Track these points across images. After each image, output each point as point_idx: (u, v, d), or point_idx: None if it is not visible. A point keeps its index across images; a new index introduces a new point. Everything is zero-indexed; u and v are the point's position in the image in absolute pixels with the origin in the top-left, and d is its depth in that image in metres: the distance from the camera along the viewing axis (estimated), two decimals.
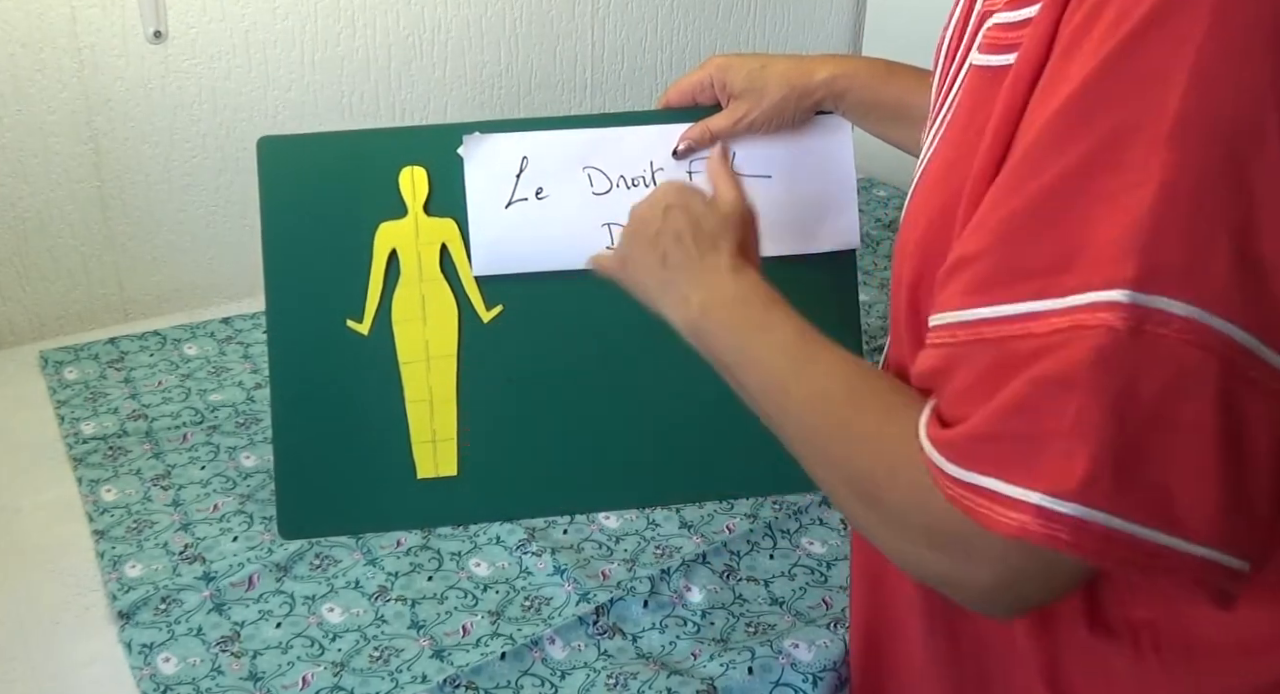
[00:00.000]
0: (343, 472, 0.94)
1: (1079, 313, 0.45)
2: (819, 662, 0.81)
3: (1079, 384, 0.44)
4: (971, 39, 0.61)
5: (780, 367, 0.65)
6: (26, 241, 1.24)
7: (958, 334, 0.50)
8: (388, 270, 0.94)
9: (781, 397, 0.64)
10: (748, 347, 0.68)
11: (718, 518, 0.98)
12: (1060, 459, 0.45)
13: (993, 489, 0.47)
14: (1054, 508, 0.45)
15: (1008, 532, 0.46)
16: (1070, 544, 0.45)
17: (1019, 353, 0.47)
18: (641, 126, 0.95)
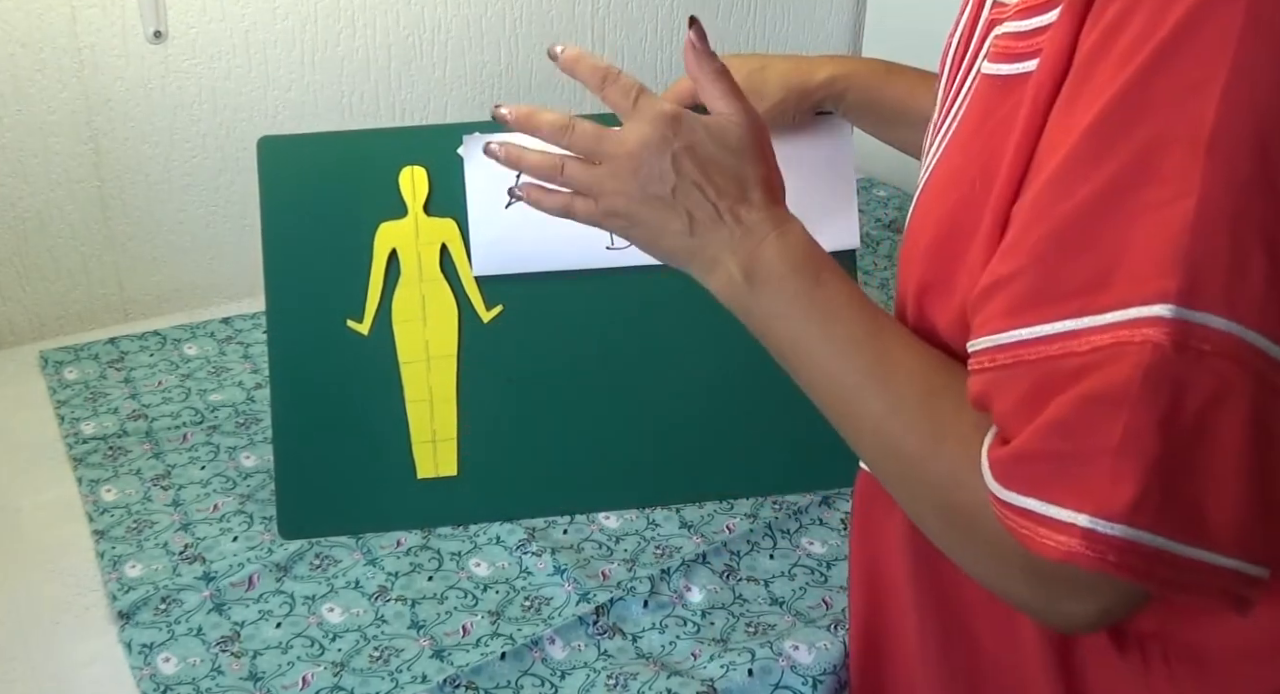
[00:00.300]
0: (343, 472, 0.94)
1: (1121, 329, 0.44)
2: (819, 664, 0.81)
3: (1125, 402, 0.44)
4: (979, 47, 0.61)
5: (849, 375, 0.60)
6: (26, 241, 1.24)
7: (997, 358, 0.50)
8: (388, 270, 0.94)
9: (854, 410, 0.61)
10: (806, 339, 0.62)
11: (718, 518, 0.98)
12: (1107, 479, 0.44)
13: (1039, 511, 0.47)
14: (1101, 530, 0.44)
15: (1054, 556, 0.46)
16: (1117, 566, 0.45)
17: (1061, 372, 0.46)
18: None
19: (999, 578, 0.54)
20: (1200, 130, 0.43)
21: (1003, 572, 0.53)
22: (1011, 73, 0.55)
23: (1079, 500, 0.45)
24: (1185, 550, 0.45)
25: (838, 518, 0.98)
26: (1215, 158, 0.43)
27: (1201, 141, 0.43)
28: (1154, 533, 0.44)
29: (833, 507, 0.99)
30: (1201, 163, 0.43)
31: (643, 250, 0.71)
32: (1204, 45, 0.44)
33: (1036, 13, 0.54)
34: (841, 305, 0.62)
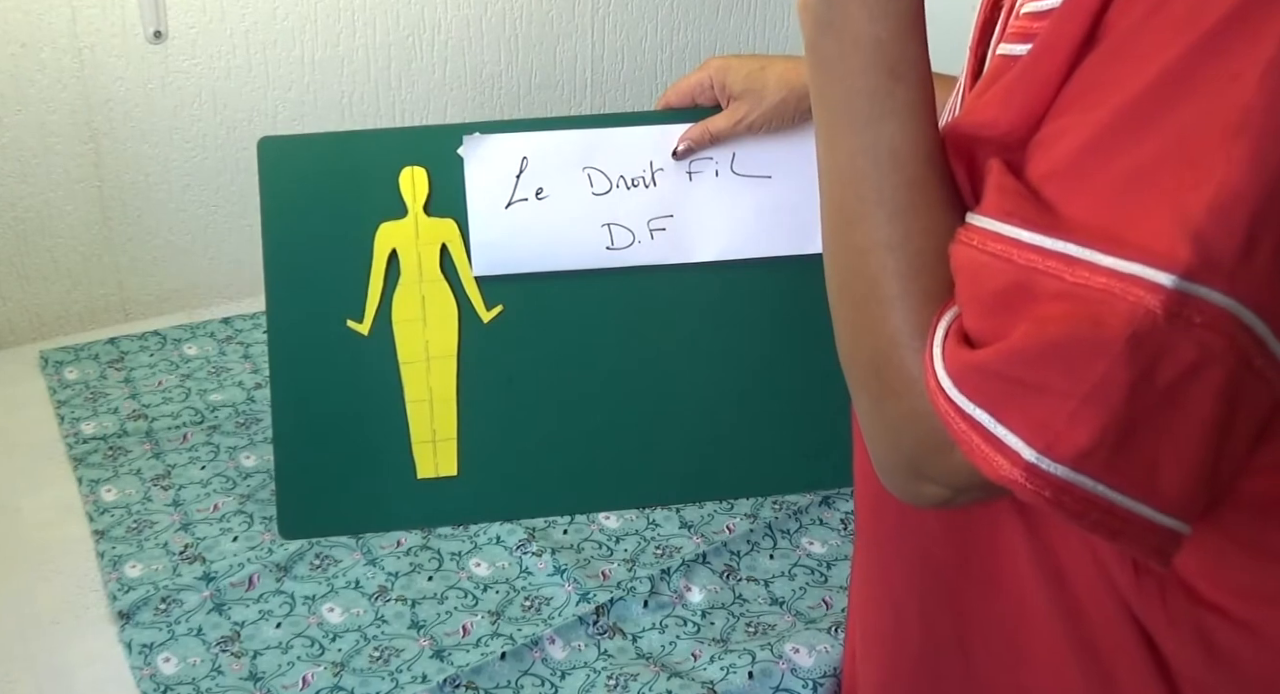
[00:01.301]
0: (343, 472, 0.94)
1: (1117, 279, 0.45)
2: (819, 667, 0.81)
3: (1105, 355, 0.44)
4: (1003, 30, 0.61)
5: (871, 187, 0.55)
6: (26, 241, 1.24)
7: (989, 244, 0.50)
8: (388, 270, 0.94)
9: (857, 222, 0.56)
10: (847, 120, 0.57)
11: (718, 518, 0.98)
12: (1065, 421, 0.45)
13: (987, 427, 0.48)
14: (1045, 467, 0.46)
15: (993, 476, 0.47)
16: (1051, 502, 0.46)
17: (1040, 289, 0.47)
18: (641, 127, 0.95)
19: (887, 442, 0.55)
20: (1232, 114, 0.44)
21: (895, 438, 0.54)
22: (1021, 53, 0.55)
23: (1031, 433, 0.46)
24: (1126, 501, 0.46)
25: (838, 518, 0.98)
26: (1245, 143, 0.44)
27: (1232, 125, 0.44)
28: (1096, 480, 0.45)
29: (833, 507, 0.99)
30: (1229, 146, 0.44)
31: None
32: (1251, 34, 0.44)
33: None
34: (902, 109, 0.56)
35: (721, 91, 0.94)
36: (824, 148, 0.58)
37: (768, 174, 0.96)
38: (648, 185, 0.95)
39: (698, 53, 1.65)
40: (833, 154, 0.58)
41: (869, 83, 0.56)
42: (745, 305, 0.98)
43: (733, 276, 0.97)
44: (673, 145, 0.95)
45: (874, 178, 0.55)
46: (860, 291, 0.56)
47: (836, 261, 0.59)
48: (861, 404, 0.58)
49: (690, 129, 0.95)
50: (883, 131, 0.55)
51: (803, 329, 0.98)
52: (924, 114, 0.56)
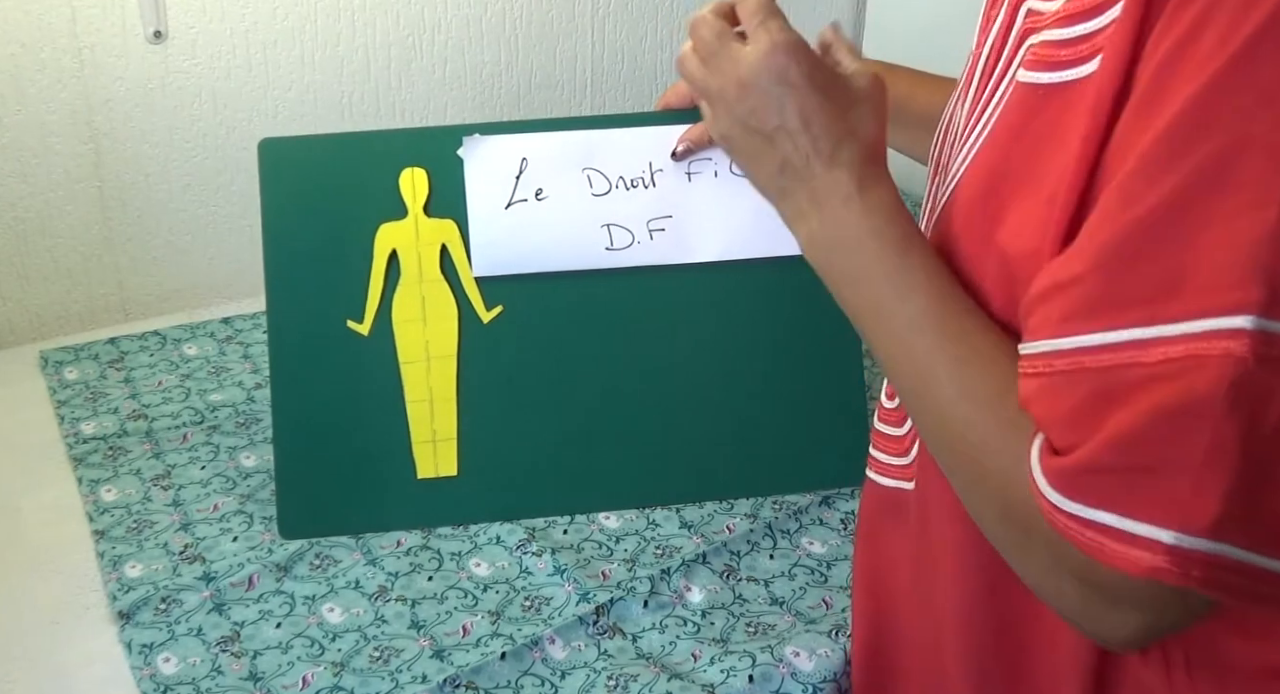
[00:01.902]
0: (343, 472, 0.95)
1: (1196, 341, 0.43)
2: (820, 672, 0.81)
3: (1209, 416, 0.43)
4: (1012, 56, 0.60)
5: (923, 353, 0.58)
6: (26, 241, 1.24)
7: (1054, 364, 0.49)
8: (388, 271, 0.94)
9: (924, 389, 0.58)
10: (881, 308, 0.60)
11: (718, 518, 0.98)
12: (1190, 493, 0.43)
13: (1113, 525, 0.45)
14: (1187, 546, 0.44)
15: (1136, 571, 0.45)
16: (1203, 581, 0.44)
17: (1125, 382, 0.45)
18: (640, 128, 0.95)
19: (1051, 583, 0.53)
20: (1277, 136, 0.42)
21: (1056, 576, 0.52)
22: (1053, 81, 0.54)
23: (1163, 516, 0.44)
24: (1264, 562, 0.44)
25: (838, 518, 0.98)
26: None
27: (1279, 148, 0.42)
28: (1238, 546, 0.44)
29: (833, 507, 0.99)
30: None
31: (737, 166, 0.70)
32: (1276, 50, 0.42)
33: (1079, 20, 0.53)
34: (923, 279, 0.59)
35: None
36: (874, 341, 0.62)
37: None
38: (647, 186, 0.95)
39: None
40: (882, 342, 0.61)
41: (885, 268, 0.60)
42: (745, 305, 0.98)
43: (732, 277, 0.97)
44: (672, 146, 0.95)
45: (922, 345, 0.58)
46: (956, 446, 0.56)
47: (927, 431, 0.60)
48: (1013, 557, 0.56)
49: (689, 130, 0.95)
50: (915, 303, 0.59)
51: (802, 329, 0.98)
52: (941, 278, 0.59)
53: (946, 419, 0.56)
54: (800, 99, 0.62)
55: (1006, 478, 0.52)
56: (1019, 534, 0.53)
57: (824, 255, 0.63)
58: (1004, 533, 0.55)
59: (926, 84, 0.91)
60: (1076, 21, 0.53)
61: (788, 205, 0.65)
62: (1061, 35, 0.54)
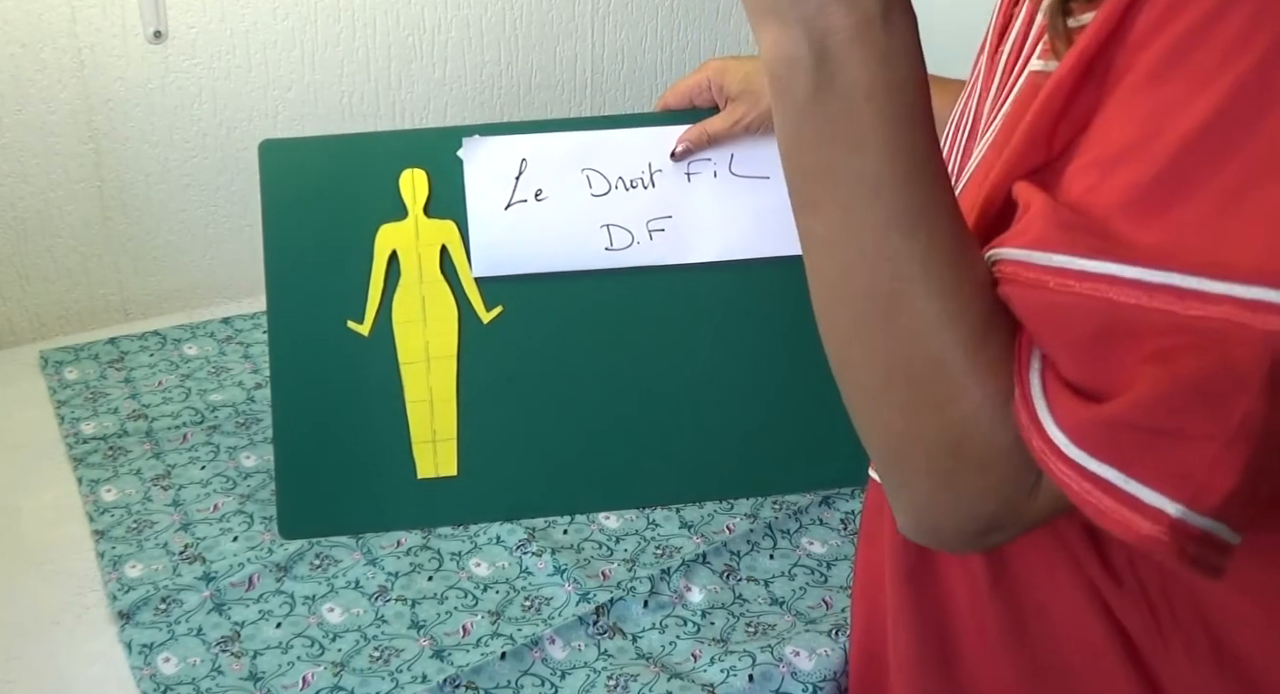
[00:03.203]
0: (343, 472, 0.95)
1: (1240, 308, 0.40)
2: (819, 671, 0.81)
3: (1247, 392, 0.41)
4: (1032, 49, 0.60)
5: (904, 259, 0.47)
6: (26, 241, 1.24)
7: (1071, 284, 0.44)
8: (388, 272, 0.94)
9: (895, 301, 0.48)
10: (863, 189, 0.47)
11: (718, 518, 0.98)
12: (1208, 467, 0.41)
13: (1115, 484, 0.43)
14: (1190, 521, 0.42)
15: (1132, 538, 0.43)
16: (1191, 559, 0.43)
17: (1148, 326, 0.42)
18: (639, 129, 0.95)
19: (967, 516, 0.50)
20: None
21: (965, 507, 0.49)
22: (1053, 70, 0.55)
23: (1173, 486, 0.42)
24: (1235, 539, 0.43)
25: (838, 518, 0.98)
26: None
27: None
28: (1230, 526, 0.42)
29: (833, 507, 0.99)
30: None
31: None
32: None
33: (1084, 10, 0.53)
34: (923, 162, 0.47)
35: (719, 93, 0.94)
36: (836, 231, 0.49)
37: (766, 174, 0.96)
38: (646, 186, 0.95)
39: (697, 53, 1.65)
40: (851, 236, 0.48)
41: (887, 140, 0.46)
42: (744, 305, 0.98)
43: (731, 277, 0.97)
44: (671, 147, 0.95)
45: (907, 249, 0.47)
46: (920, 375, 0.49)
47: (879, 355, 0.50)
48: (921, 487, 0.51)
49: (688, 130, 0.95)
50: (915, 194, 0.47)
51: (802, 329, 0.97)
52: (942, 166, 0.49)
53: (918, 344, 0.48)
54: None
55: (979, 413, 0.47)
56: (955, 466, 0.49)
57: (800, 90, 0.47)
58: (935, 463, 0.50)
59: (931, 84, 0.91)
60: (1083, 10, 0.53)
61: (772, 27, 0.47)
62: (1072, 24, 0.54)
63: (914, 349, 0.48)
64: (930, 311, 0.47)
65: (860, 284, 0.49)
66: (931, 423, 0.49)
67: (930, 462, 0.50)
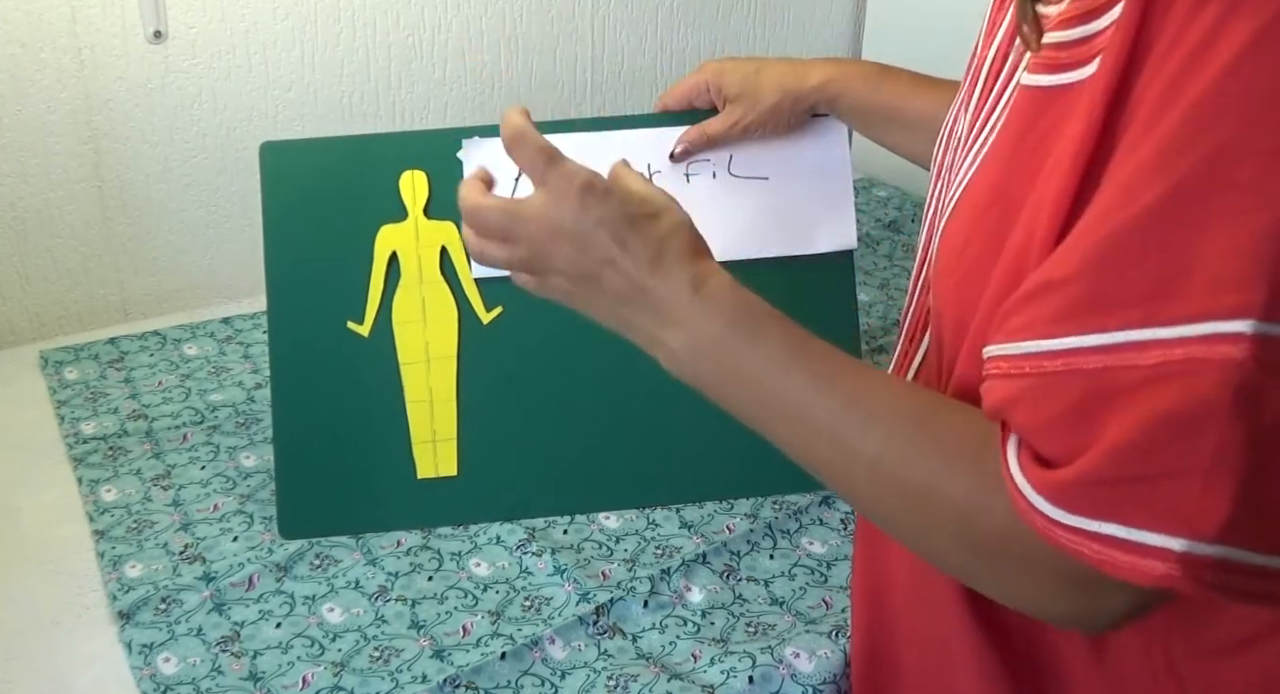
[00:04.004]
0: (343, 472, 0.95)
1: (1195, 344, 0.43)
2: (819, 673, 0.82)
3: (1213, 421, 0.42)
4: (1018, 60, 0.60)
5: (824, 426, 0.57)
6: (26, 241, 1.24)
7: (1044, 365, 0.48)
8: (388, 273, 0.94)
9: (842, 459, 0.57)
10: (766, 397, 0.59)
11: (718, 518, 0.98)
12: (1198, 499, 0.43)
13: (1118, 537, 0.45)
14: (1197, 553, 0.43)
15: (1147, 582, 0.44)
16: (1213, 585, 0.44)
17: (1121, 385, 0.45)
18: (638, 130, 0.96)
19: (1034, 596, 0.53)
20: (1277, 137, 0.42)
21: (1038, 590, 0.52)
22: (1054, 83, 0.54)
23: (1171, 524, 0.44)
24: (1270, 562, 0.44)
25: (838, 518, 0.98)
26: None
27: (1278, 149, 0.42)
28: (1246, 548, 0.44)
29: (833, 507, 0.99)
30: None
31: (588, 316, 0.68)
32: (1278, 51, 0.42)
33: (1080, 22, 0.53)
34: (792, 354, 0.59)
35: (717, 94, 0.95)
36: (775, 436, 0.60)
37: (764, 175, 0.97)
38: None
39: (697, 53, 1.65)
40: (783, 432, 0.59)
41: (754, 357, 0.59)
42: None
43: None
44: (670, 148, 0.95)
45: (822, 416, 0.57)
46: (899, 504, 0.55)
47: (863, 502, 0.58)
48: (984, 586, 0.56)
49: (687, 132, 0.95)
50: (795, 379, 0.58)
51: None
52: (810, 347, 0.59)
53: (879, 477, 0.55)
54: (608, 224, 0.62)
55: (961, 510, 0.52)
56: (988, 561, 0.53)
57: (690, 367, 0.62)
58: (972, 565, 0.55)
59: (924, 86, 0.92)
60: (1077, 23, 0.53)
61: (638, 334, 0.64)
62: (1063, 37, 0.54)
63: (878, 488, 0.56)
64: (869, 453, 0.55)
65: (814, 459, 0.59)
66: (939, 538, 0.55)
67: (965, 564, 0.55)
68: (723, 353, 0.60)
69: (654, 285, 0.61)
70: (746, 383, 0.60)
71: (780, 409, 0.59)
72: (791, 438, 0.59)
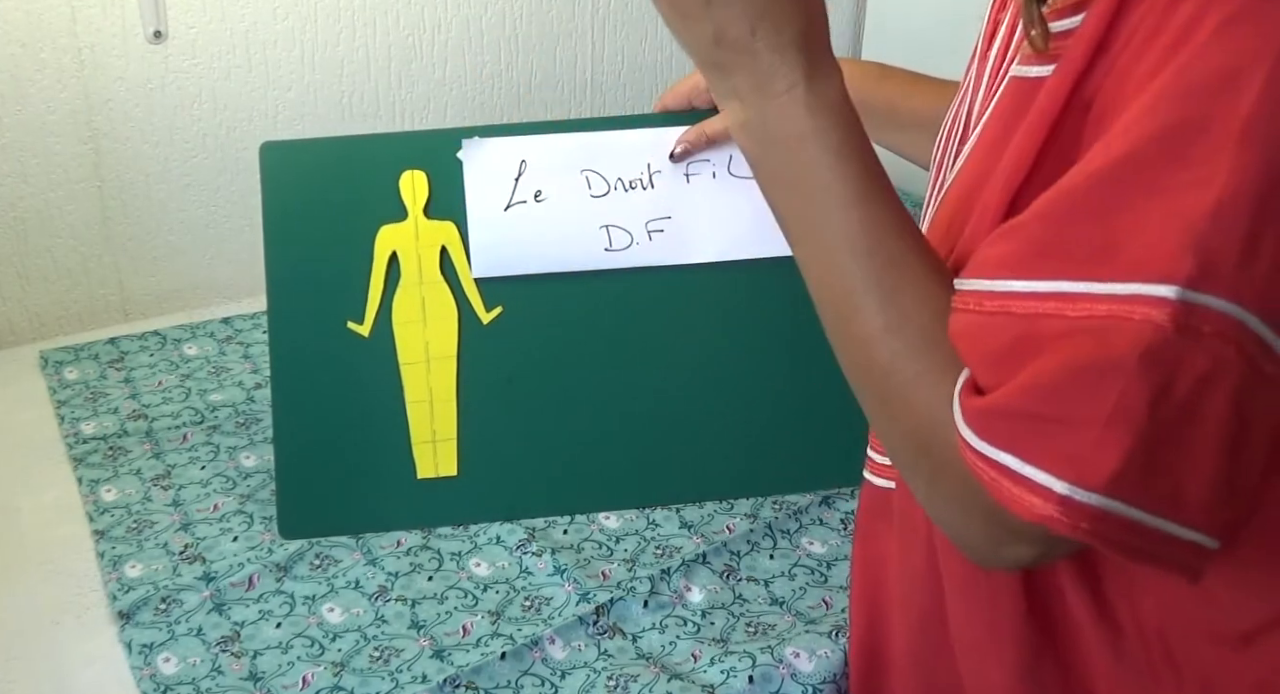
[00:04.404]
0: (343, 472, 0.95)
1: (1119, 303, 0.45)
2: (819, 673, 0.82)
3: (1120, 376, 0.44)
4: (1015, 54, 0.61)
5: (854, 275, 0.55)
6: (26, 241, 1.24)
7: (985, 303, 0.50)
8: (388, 273, 0.94)
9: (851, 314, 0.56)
10: (815, 217, 0.57)
11: (718, 518, 0.98)
12: (1091, 448, 0.45)
13: (1014, 468, 0.47)
14: (1079, 498, 0.45)
15: (1028, 516, 0.46)
16: (1089, 533, 0.45)
17: (1046, 332, 0.47)
18: (638, 130, 0.96)
19: (957, 517, 0.54)
20: (1234, 119, 0.43)
21: (962, 512, 0.53)
22: (1040, 75, 0.55)
23: (1060, 466, 0.45)
24: (1155, 521, 0.46)
25: (838, 518, 0.98)
26: (1247, 149, 0.43)
27: (1234, 130, 0.43)
28: (1129, 504, 0.45)
29: (833, 507, 1.00)
30: (1232, 150, 0.43)
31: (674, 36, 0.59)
32: (1246, 37, 0.44)
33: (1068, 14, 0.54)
34: (862, 192, 0.55)
35: None
36: (800, 253, 0.59)
37: None
38: (645, 187, 0.95)
39: None
40: (809, 255, 0.58)
41: (823, 175, 0.56)
42: (743, 306, 0.98)
43: (730, 277, 0.97)
44: (670, 148, 0.95)
45: (854, 268, 0.55)
46: (878, 379, 0.55)
47: (847, 357, 0.58)
48: (919, 487, 0.57)
49: (687, 131, 0.95)
50: (851, 219, 0.55)
51: (801, 329, 0.98)
52: (883, 192, 0.56)
53: (872, 350, 0.55)
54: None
55: (933, 416, 0.53)
56: (933, 467, 0.54)
57: (757, 146, 0.58)
58: (918, 464, 0.56)
59: (922, 86, 0.92)
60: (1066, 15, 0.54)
61: (723, 82, 0.57)
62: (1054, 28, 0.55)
63: (869, 356, 0.55)
64: (877, 322, 0.55)
65: (822, 296, 0.58)
66: (898, 426, 0.56)
67: (913, 461, 0.56)
68: (796, 154, 0.56)
69: (763, 51, 0.55)
70: (800, 195, 0.57)
71: (820, 237, 0.57)
72: (815, 266, 0.58)
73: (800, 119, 0.56)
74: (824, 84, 0.56)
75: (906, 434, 0.55)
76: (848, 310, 0.56)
